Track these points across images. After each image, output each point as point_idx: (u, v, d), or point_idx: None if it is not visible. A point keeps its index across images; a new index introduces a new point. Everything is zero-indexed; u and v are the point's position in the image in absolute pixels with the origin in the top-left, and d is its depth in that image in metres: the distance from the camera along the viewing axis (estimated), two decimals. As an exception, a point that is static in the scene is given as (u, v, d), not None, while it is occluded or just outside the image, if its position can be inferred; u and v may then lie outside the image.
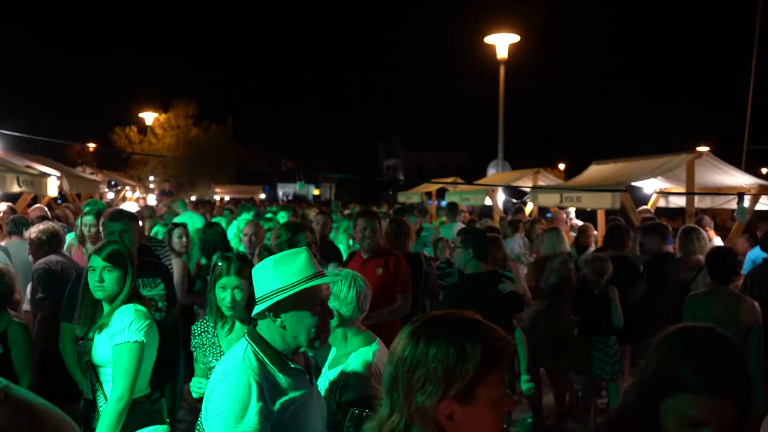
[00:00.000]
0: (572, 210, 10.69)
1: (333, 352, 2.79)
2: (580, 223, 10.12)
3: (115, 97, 43.42)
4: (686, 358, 1.48)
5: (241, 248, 6.27)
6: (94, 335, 3.00)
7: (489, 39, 15.02)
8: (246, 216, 9.36)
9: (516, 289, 4.45)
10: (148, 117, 31.44)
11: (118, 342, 2.89)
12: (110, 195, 16.15)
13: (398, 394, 1.42)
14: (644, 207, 8.78)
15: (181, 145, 33.54)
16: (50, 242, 4.43)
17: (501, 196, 13.10)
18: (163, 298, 3.74)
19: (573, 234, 9.34)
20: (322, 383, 2.62)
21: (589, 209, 9.39)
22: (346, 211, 15.96)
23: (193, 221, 9.29)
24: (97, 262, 3.01)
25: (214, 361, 3.00)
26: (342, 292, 2.67)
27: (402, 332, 1.48)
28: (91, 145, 25.99)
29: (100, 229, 4.09)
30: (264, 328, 2.06)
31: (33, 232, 4.48)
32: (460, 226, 9.19)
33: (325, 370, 2.72)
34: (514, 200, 13.51)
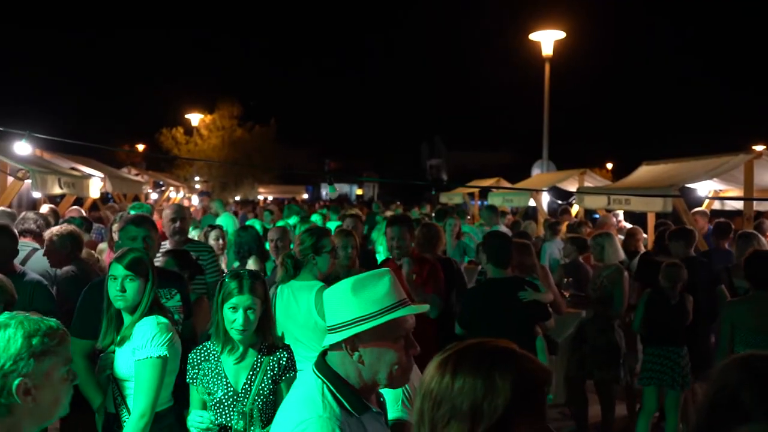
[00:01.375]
0: (621, 212, 10.29)
1: None
2: (629, 225, 9.74)
3: (163, 98, 44.26)
4: (747, 385, 1.35)
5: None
6: (114, 348, 2.89)
7: (534, 36, 14.69)
8: (295, 218, 9.17)
9: (539, 298, 4.27)
10: (194, 118, 31.96)
11: (140, 357, 2.77)
12: (154, 196, 16.36)
13: (425, 430, 1.27)
14: (698, 209, 8.34)
15: (226, 145, 33.93)
16: (71, 246, 4.30)
17: (545, 198, 12.74)
18: (179, 310, 3.58)
19: (621, 237, 8.98)
20: None
21: (638, 212, 8.98)
22: (388, 212, 15.81)
23: (230, 223, 9.25)
24: (119, 270, 2.87)
25: (219, 392, 2.73)
26: None
27: (432, 362, 1.33)
28: (140, 147, 26.56)
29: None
30: (337, 361, 1.80)
31: (49, 234, 4.37)
32: (503, 229, 8.94)
33: None
34: (560, 201, 13.13)
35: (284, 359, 2.82)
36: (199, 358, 2.81)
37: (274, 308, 3.85)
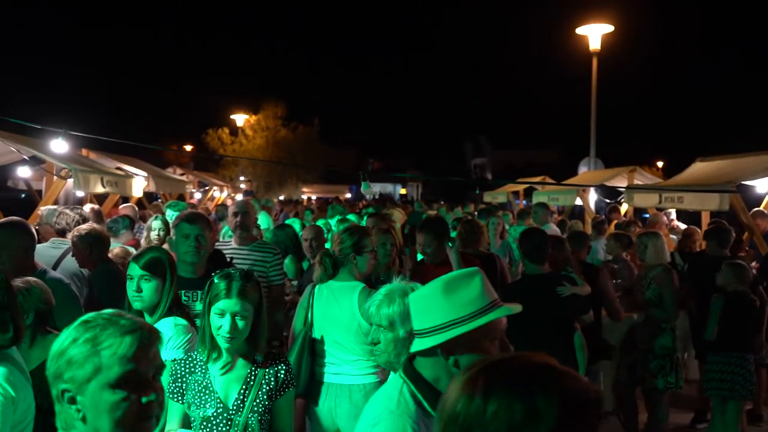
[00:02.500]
0: (673, 211, 9.86)
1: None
2: (682, 225, 9.33)
3: (210, 99, 45.09)
4: None
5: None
6: None
7: (581, 30, 14.28)
8: (339, 218, 9.05)
9: (577, 292, 4.23)
10: (239, 119, 32.36)
11: None
12: (198, 195, 16.54)
13: None
14: (758, 209, 7.89)
15: (270, 145, 34.26)
16: (92, 246, 4.20)
17: (593, 196, 12.36)
18: None
19: (673, 237, 8.61)
20: None
21: (692, 210, 8.58)
22: (430, 212, 15.62)
23: (267, 222, 9.22)
24: (135, 270, 2.80)
25: (209, 409, 2.43)
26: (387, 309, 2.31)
27: (456, 380, 1.13)
28: (188, 148, 27.03)
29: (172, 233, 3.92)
30: (426, 365, 1.75)
31: (71, 235, 4.31)
32: (553, 228, 8.70)
33: None
34: (608, 200, 12.73)
35: (282, 373, 2.51)
36: (183, 369, 2.50)
37: (311, 309, 3.72)
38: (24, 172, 9.00)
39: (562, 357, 3.81)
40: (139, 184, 9.16)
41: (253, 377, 2.47)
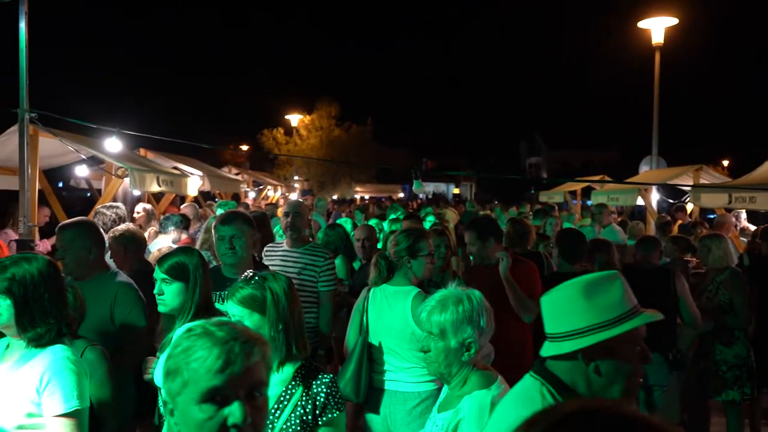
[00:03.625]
0: (743, 212, 9.35)
1: (444, 391, 2.30)
2: (752, 227, 8.84)
3: (265, 100, 45.87)
4: None
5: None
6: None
7: (643, 24, 13.75)
8: (394, 217, 8.93)
9: None
10: (294, 119, 32.75)
11: None
12: (252, 194, 16.73)
13: None
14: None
15: (324, 145, 34.58)
16: (126, 247, 4.16)
17: (655, 196, 11.87)
18: None
19: (743, 240, 8.15)
20: (430, 429, 2.15)
21: (764, 211, 8.10)
22: (483, 212, 15.36)
23: (319, 222, 9.20)
24: (158, 272, 2.75)
25: None
26: (446, 316, 2.16)
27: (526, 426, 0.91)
28: (244, 147, 27.57)
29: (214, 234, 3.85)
30: (563, 369, 1.68)
31: (109, 235, 4.27)
32: (616, 229, 8.42)
33: (434, 413, 2.24)
34: (671, 201, 12.20)
35: (322, 396, 2.12)
36: None
37: (366, 313, 3.63)
38: (82, 171, 9.23)
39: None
40: (195, 183, 9.27)
41: (287, 397, 2.14)
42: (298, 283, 3.99)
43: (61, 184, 14.53)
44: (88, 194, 11.52)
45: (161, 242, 5.78)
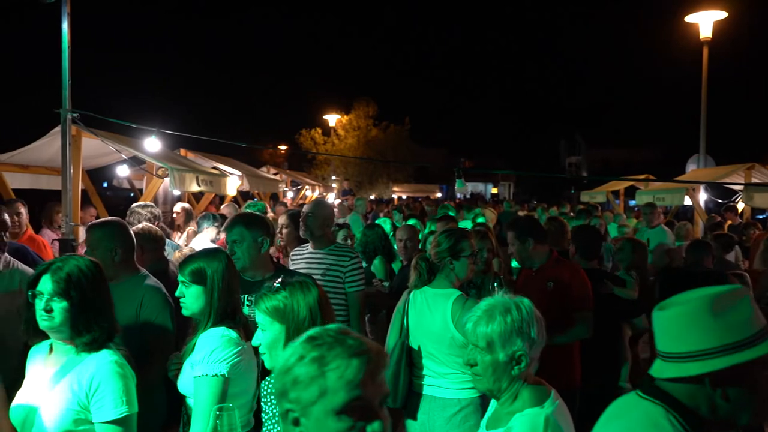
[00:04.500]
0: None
1: (493, 406, 2.17)
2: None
3: (304, 100, 46.22)
4: None
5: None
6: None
7: (690, 18, 13.33)
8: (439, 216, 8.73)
9: (620, 293, 4.40)
10: (332, 119, 32.85)
11: (197, 374, 2.43)
12: (290, 194, 16.80)
13: None
14: None
15: (362, 145, 34.61)
16: (144, 246, 3.99)
17: (702, 196, 11.48)
18: None
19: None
20: None
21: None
22: (521, 212, 15.11)
23: (358, 222, 9.14)
24: (179, 275, 2.70)
25: None
26: (495, 327, 2.02)
27: None
28: (282, 148, 27.82)
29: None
30: (683, 392, 1.52)
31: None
32: (667, 230, 8.17)
33: (482, 429, 2.11)
34: (720, 200, 11.78)
35: None
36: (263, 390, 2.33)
37: (406, 316, 3.53)
38: (123, 171, 9.35)
39: (596, 351, 3.27)
40: (234, 183, 9.29)
41: None
42: (323, 286, 3.93)
43: (105, 185, 14.80)
44: (131, 194, 11.71)
45: (199, 242, 5.78)
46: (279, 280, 2.21)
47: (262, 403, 2.24)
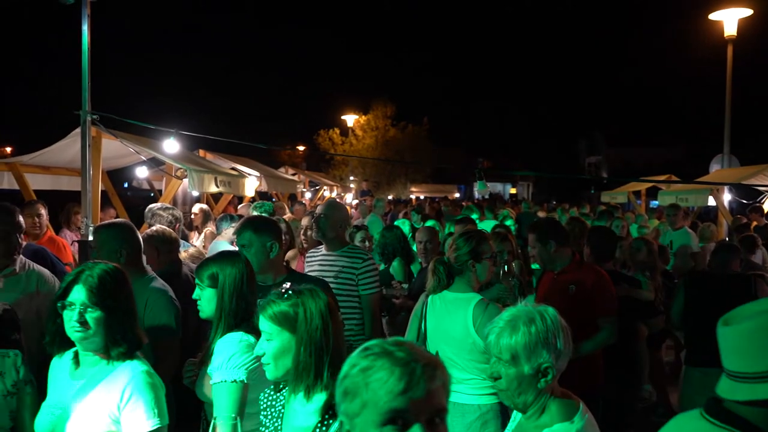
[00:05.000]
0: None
1: (516, 418, 2.08)
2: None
3: (322, 100, 46.35)
4: None
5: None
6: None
7: (715, 15, 13.11)
8: (475, 217, 8.56)
9: (634, 295, 4.43)
10: (350, 119, 32.85)
11: (216, 380, 2.40)
12: (308, 195, 16.81)
13: None
14: None
15: (380, 145, 34.57)
16: (158, 248, 4.00)
17: (727, 197, 11.27)
18: None
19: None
20: None
21: None
22: (541, 212, 14.96)
23: (377, 224, 9.09)
24: (196, 278, 2.68)
25: None
26: (519, 338, 1.93)
27: None
28: (300, 148, 27.89)
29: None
30: (761, 416, 1.40)
31: (142, 236, 4.18)
32: (691, 233, 8.04)
33: None
34: (744, 201, 11.57)
35: None
36: (264, 401, 2.17)
37: (424, 320, 3.46)
38: (142, 172, 9.40)
39: (615, 353, 3.65)
40: (252, 183, 9.30)
41: (323, 429, 1.88)
42: (335, 289, 3.83)
43: (126, 185, 14.91)
44: (151, 194, 11.78)
45: (218, 243, 5.75)
46: (287, 285, 2.09)
47: (261, 416, 2.13)
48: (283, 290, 2.05)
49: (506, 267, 4.19)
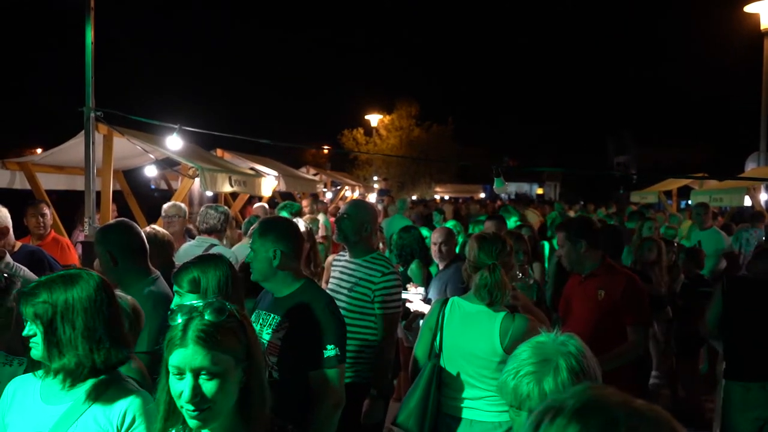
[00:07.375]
0: None
1: None
2: None
3: (346, 100, 46.20)
4: None
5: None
6: None
7: (750, 8, 12.60)
8: (515, 220, 8.18)
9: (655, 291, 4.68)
10: (374, 119, 32.69)
11: None
12: (329, 194, 16.63)
13: None
14: None
15: (404, 145, 34.39)
16: (159, 251, 3.75)
17: (764, 196, 10.78)
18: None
19: None
20: None
21: None
22: (570, 212, 14.58)
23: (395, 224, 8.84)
24: (174, 284, 2.53)
25: None
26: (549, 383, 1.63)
27: None
28: (326, 149, 27.69)
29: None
30: None
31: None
32: (721, 233, 7.66)
33: None
34: (782, 200, 11.07)
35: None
36: None
37: (440, 327, 3.15)
38: (151, 171, 9.25)
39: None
40: (269, 183, 9.08)
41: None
42: (348, 303, 3.49)
43: (153, 186, 14.86)
44: (171, 195, 11.69)
45: (241, 246, 5.44)
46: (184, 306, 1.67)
47: None
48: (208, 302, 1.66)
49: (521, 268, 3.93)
